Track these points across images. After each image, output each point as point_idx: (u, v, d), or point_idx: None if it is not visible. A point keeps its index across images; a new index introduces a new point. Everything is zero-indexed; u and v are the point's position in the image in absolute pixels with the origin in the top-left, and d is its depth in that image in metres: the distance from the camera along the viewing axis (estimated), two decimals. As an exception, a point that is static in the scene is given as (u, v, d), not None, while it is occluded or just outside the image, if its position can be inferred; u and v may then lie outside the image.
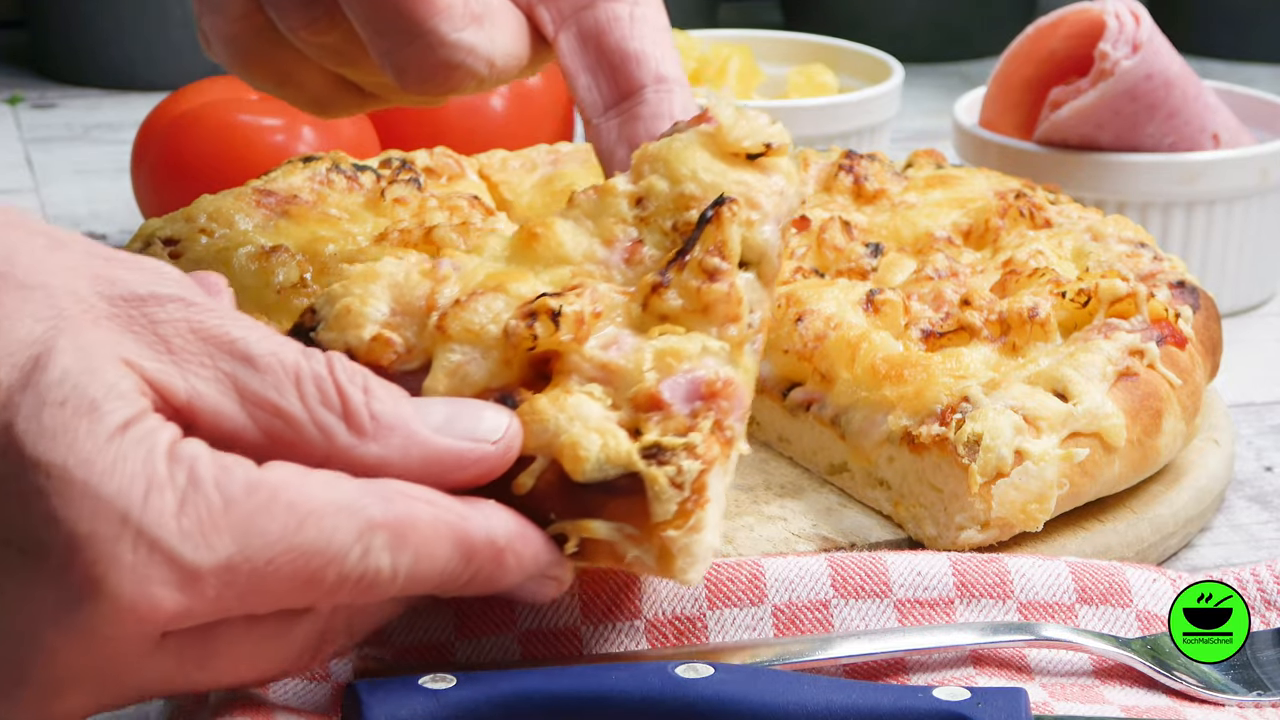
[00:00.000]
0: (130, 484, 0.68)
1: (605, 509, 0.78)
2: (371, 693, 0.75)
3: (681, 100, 0.92)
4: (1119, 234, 1.12)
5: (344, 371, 0.75)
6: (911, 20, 2.06)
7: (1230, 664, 0.86)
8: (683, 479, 0.78)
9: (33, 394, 0.68)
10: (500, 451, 0.78)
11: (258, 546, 0.70)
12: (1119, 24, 1.30)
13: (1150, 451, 0.99)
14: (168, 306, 0.73)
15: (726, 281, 0.82)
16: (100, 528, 0.67)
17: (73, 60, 1.94)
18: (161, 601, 0.68)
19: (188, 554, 0.68)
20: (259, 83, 0.98)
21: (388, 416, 0.75)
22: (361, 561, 0.72)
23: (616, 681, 0.76)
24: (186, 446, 0.70)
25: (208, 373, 0.73)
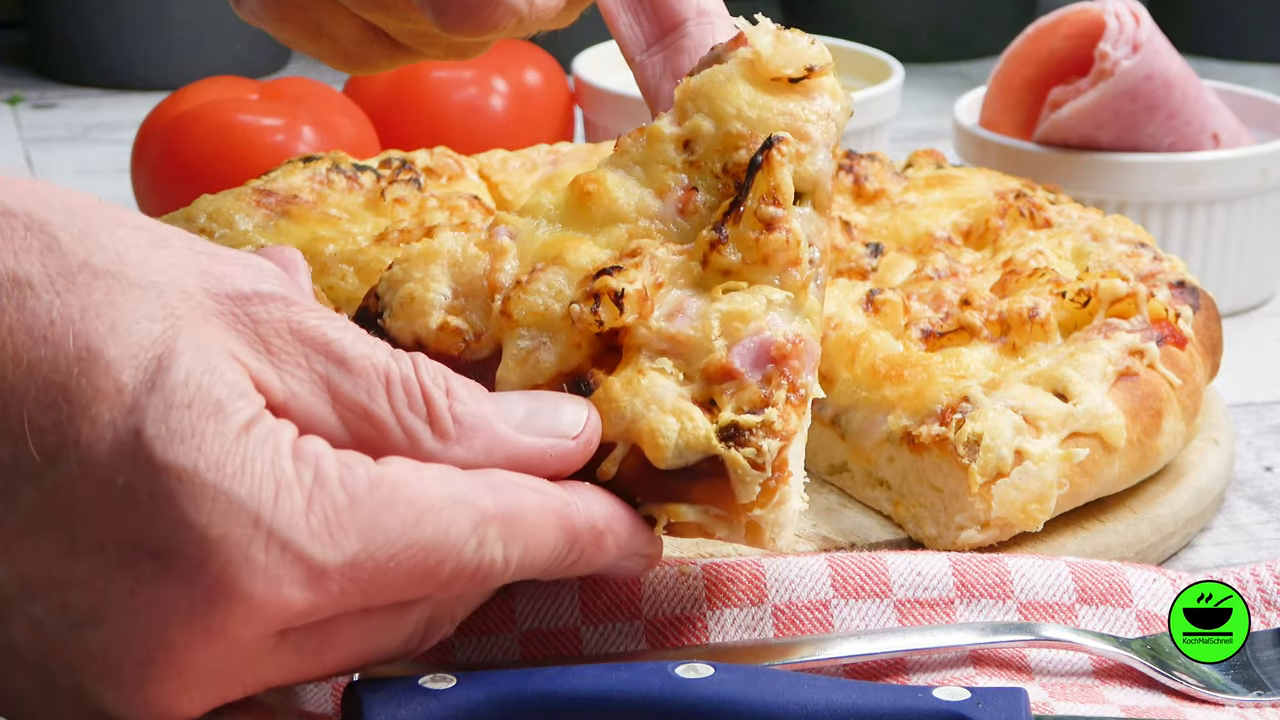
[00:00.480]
0: (260, 485, 0.68)
1: (690, 493, 0.79)
2: (372, 693, 0.75)
3: (725, 31, 0.91)
4: (1119, 234, 1.12)
5: (428, 374, 0.75)
6: (911, 20, 2.05)
7: (1230, 664, 0.86)
8: (763, 459, 0.78)
9: (159, 397, 0.68)
10: (581, 446, 0.79)
11: (381, 543, 0.70)
12: (1119, 24, 1.30)
13: (1150, 451, 0.99)
14: (269, 305, 0.73)
15: (784, 229, 0.82)
16: (234, 530, 0.68)
17: (73, 60, 1.94)
18: (291, 601, 0.69)
19: (317, 553, 0.69)
20: (290, 36, 0.97)
21: (470, 419, 0.76)
22: (477, 553, 0.73)
23: (616, 682, 0.76)
24: (309, 444, 0.71)
25: (303, 374, 0.73)
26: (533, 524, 0.75)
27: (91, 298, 0.70)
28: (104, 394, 0.68)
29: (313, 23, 0.97)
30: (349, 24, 0.97)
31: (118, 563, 0.68)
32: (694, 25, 0.91)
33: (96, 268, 0.70)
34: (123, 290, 0.70)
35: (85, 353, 0.68)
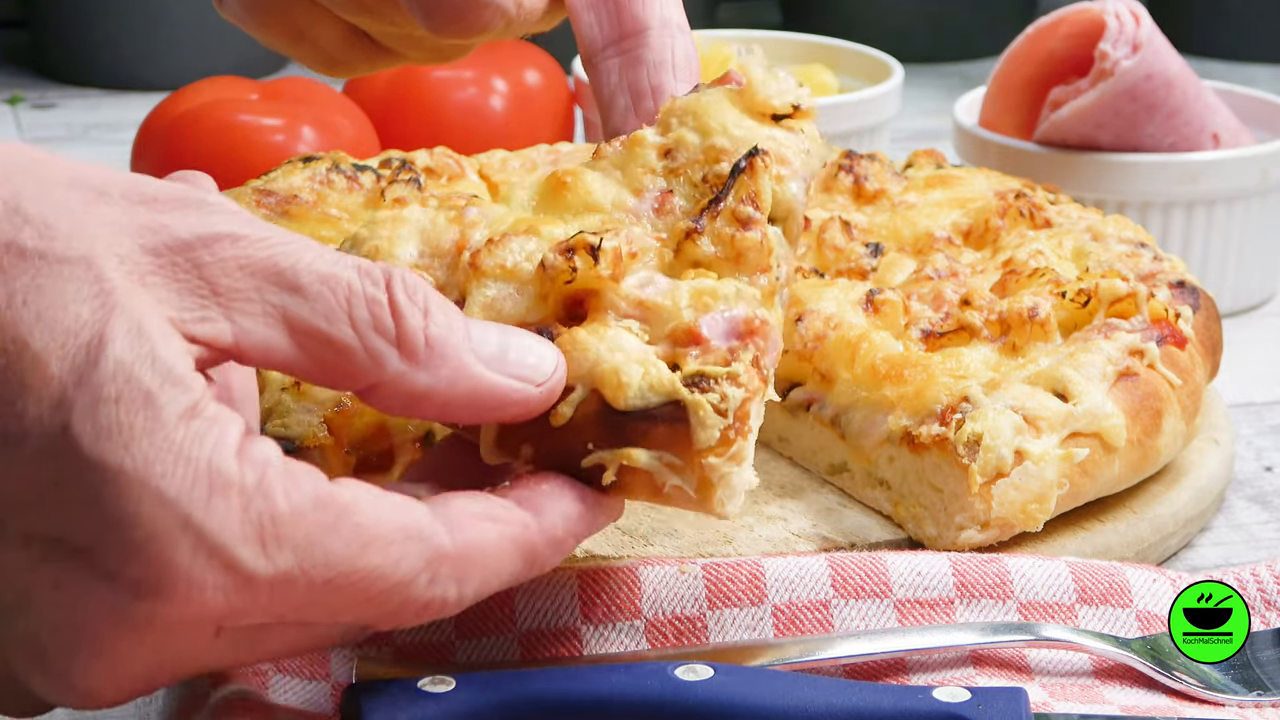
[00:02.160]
0: (193, 485, 0.67)
1: (646, 437, 0.78)
2: (370, 697, 0.75)
3: (684, 46, 0.91)
4: (1119, 234, 1.12)
5: (403, 290, 0.74)
6: (911, 20, 2.06)
7: (1230, 664, 0.86)
8: (726, 406, 0.78)
9: (87, 390, 0.67)
10: (543, 394, 0.78)
11: (319, 564, 0.69)
12: (1119, 24, 1.30)
13: (1150, 451, 0.99)
14: (214, 248, 0.71)
15: (759, 230, 0.83)
16: (159, 530, 0.67)
17: (73, 60, 1.94)
18: (215, 605, 0.68)
19: (247, 560, 0.68)
20: (272, 39, 0.97)
21: (441, 343, 0.74)
22: (428, 590, 0.72)
23: (616, 684, 0.76)
24: (258, 448, 0.69)
25: (255, 308, 0.71)
26: (491, 558, 0.74)
27: (18, 283, 0.68)
28: (31, 388, 0.67)
29: (294, 25, 0.96)
30: (331, 27, 0.96)
31: (42, 557, 0.67)
32: (655, 35, 0.91)
33: (23, 247, 0.69)
34: (50, 271, 0.68)
35: (11, 344, 0.67)
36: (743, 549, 0.95)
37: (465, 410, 0.76)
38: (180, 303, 0.70)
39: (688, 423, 0.78)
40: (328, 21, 0.96)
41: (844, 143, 1.46)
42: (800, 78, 1.56)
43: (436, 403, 0.75)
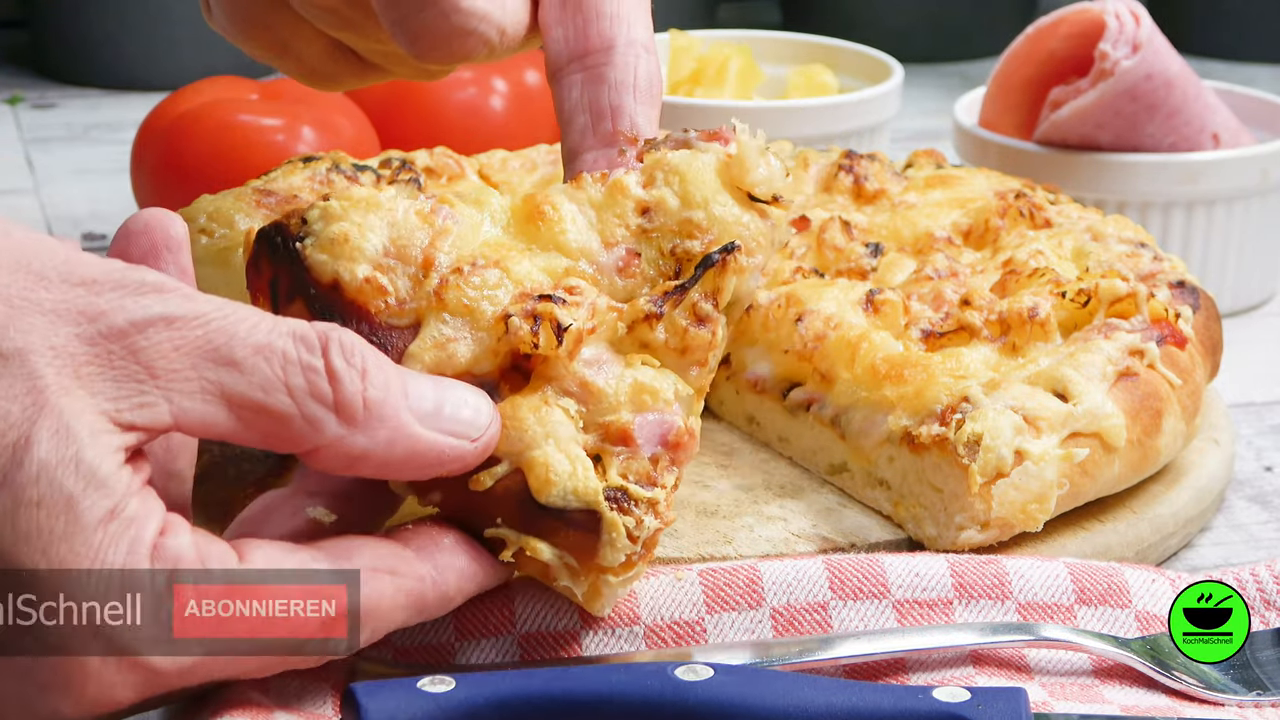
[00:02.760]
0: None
1: (555, 535, 0.81)
2: (370, 696, 0.75)
3: (647, 67, 0.91)
4: (1119, 234, 1.12)
5: (340, 354, 0.75)
6: (911, 20, 2.06)
7: (1230, 664, 0.86)
8: (640, 533, 0.80)
9: (8, 493, 0.69)
10: (478, 451, 0.80)
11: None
12: (1119, 24, 1.30)
13: (1150, 451, 0.99)
14: (148, 333, 0.73)
15: (710, 329, 0.84)
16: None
17: (73, 60, 1.94)
18: (123, 699, 0.71)
19: (156, 661, 0.71)
20: (257, 51, 0.97)
21: (379, 405, 0.76)
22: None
23: (616, 684, 0.76)
24: (172, 543, 0.72)
25: (192, 386, 0.73)
26: (385, 611, 0.77)
27: None
28: None
29: (279, 38, 0.96)
30: (316, 41, 0.97)
31: None
32: (620, 54, 0.92)
33: None
34: None
35: None
36: (743, 549, 0.95)
37: (403, 468, 0.78)
38: (116, 392, 0.72)
39: (598, 535, 0.80)
40: (312, 35, 0.96)
41: (844, 143, 1.46)
42: (800, 78, 1.56)
43: (374, 463, 0.77)
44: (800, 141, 1.34)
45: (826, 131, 1.45)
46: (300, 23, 0.94)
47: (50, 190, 1.64)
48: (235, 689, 0.78)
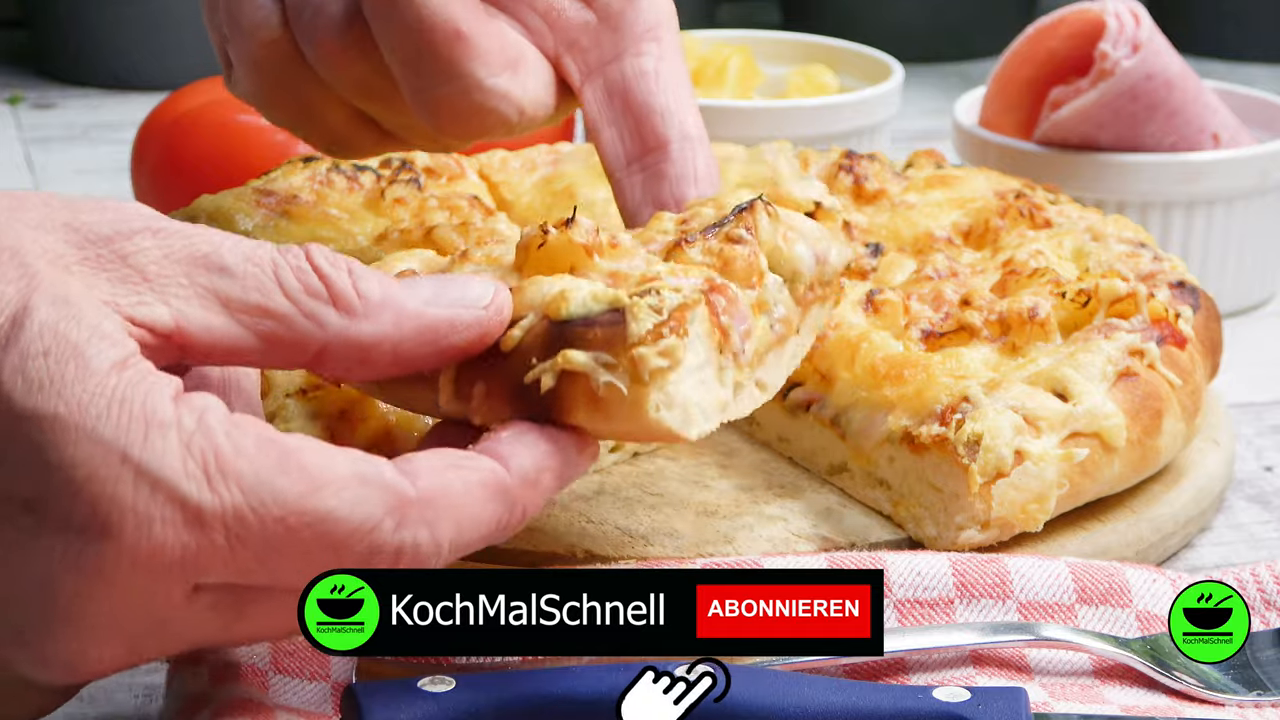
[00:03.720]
0: (129, 424, 0.68)
1: (584, 340, 0.78)
2: (370, 695, 0.75)
3: (705, 157, 0.94)
4: (1119, 234, 1.12)
5: (325, 259, 0.75)
6: (911, 20, 2.06)
7: (1230, 664, 0.86)
8: (661, 305, 0.79)
9: (15, 352, 0.68)
10: (493, 314, 0.78)
11: (269, 502, 0.69)
12: (1119, 24, 1.30)
13: (1150, 451, 0.99)
14: (135, 239, 0.73)
15: (749, 248, 0.83)
16: (99, 469, 0.67)
17: (73, 60, 1.94)
18: (167, 541, 0.68)
19: (192, 493, 0.68)
20: (278, 116, 0.98)
21: (375, 295, 0.75)
22: (397, 534, 0.72)
23: (617, 684, 0.76)
24: (198, 397, 0.70)
25: (188, 292, 0.72)
26: (460, 501, 0.73)
27: None
28: None
29: (303, 104, 0.96)
30: (340, 109, 0.97)
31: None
32: (676, 149, 0.93)
33: None
34: None
35: None
36: (743, 549, 0.95)
37: (419, 348, 0.76)
38: (113, 289, 0.71)
39: (624, 321, 0.78)
40: (336, 103, 0.96)
41: (844, 143, 1.46)
42: (800, 78, 1.56)
43: (388, 349, 0.76)
44: (800, 141, 1.34)
45: (826, 131, 1.45)
46: (324, 89, 0.95)
47: (50, 190, 1.64)
48: (236, 689, 0.78)
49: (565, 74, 0.95)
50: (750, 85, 1.58)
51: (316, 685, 0.81)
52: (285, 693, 0.80)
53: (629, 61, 0.94)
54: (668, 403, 0.79)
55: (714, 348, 0.81)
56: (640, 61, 0.94)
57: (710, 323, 0.81)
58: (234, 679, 0.79)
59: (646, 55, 0.95)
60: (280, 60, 0.93)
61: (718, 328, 0.81)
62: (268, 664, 0.81)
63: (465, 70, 0.89)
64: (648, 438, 0.81)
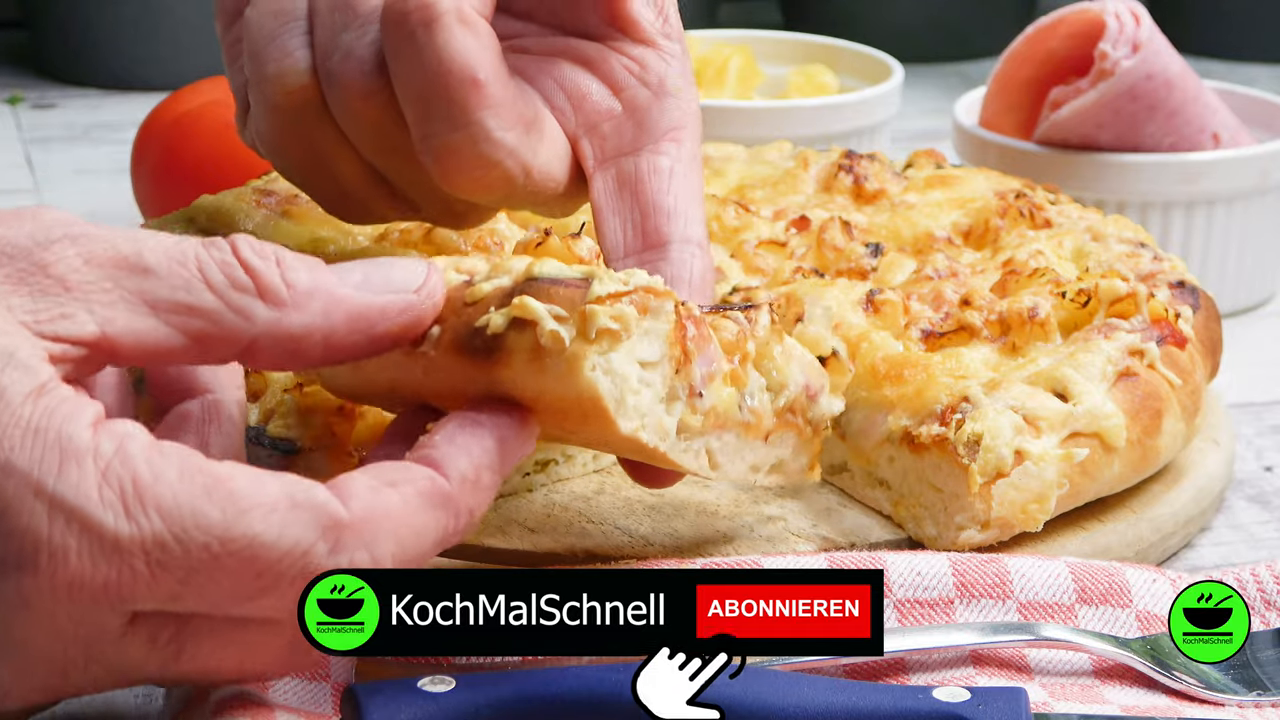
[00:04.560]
0: (44, 455, 0.67)
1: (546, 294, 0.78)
2: (370, 695, 0.75)
3: (703, 265, 0.93)
4: (1119, 234, 1.12)
5: (251, 250, 0.74)
6: (911, 20, 2.06)
7: (1230, 664, 0.86)
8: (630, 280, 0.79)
9: None
10: (424, 299, 0.78)
11: (191, 528, 0.68)
12: (1119, 24, 1.30)
13: (1150, 451, 0.99)
14: (54, 248, 0.72)
15: (740, 329, 0.85)
16: (13, 502, 0.67)
17: (73, 60, 1.94)
18: (84, 571, 0.67)
19: (108, 523, 0.67)
20: (289, 166, 0.95)
21: (304, 284, 0.75)
22: (332, 558, 0.71)
23: (617, 684, 0.76)
24: (118, 424, 0.69)
25: (112, 297, 0.72)
26: (399, 516, 0.73)
27: None
28: None
29: (318, 156, 0.94)
30: (353, 164, 0.95)
31: None
32: (676, 250, 0.92)
33: None
34: None
35: None
36: (743, 549, 0.95)
37: (350, 336, 0.76)
38: (33, 305, 0.71)
39: (588, 283, 0.78)
40: (349, 156, 0.94)
41: (844, 143, 1.46)
42: (801, 78, 1.56)
43: (319, 339, 0.75)
44: (800, 141, 1.34)
45: (826, 131, 1.45)
46: (341, 142, 0.93)
47: (50, 190, 1.64)
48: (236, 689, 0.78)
49: (580, 156, 0.94)
50: (750, 85, 1.58)
51: (316, 685, 0.81)
52: (285, 693, 0.80)
53: (645, 157, 0.94)
54: (606, 367, 0.78)
55: (671, 362, 0.81)
56: (657, 159, 0.94)
57: (674, 335, 0.81)
58: (234, 679, 0.79)
59: (664, 155, 0.94)
60: (301, 107, 0.92)
61: (680, 346, 0.81)
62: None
63: (476, 118, 0.87)
64: (576, 407, 0.79)
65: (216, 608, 0.70)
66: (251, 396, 0.95)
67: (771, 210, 1.18)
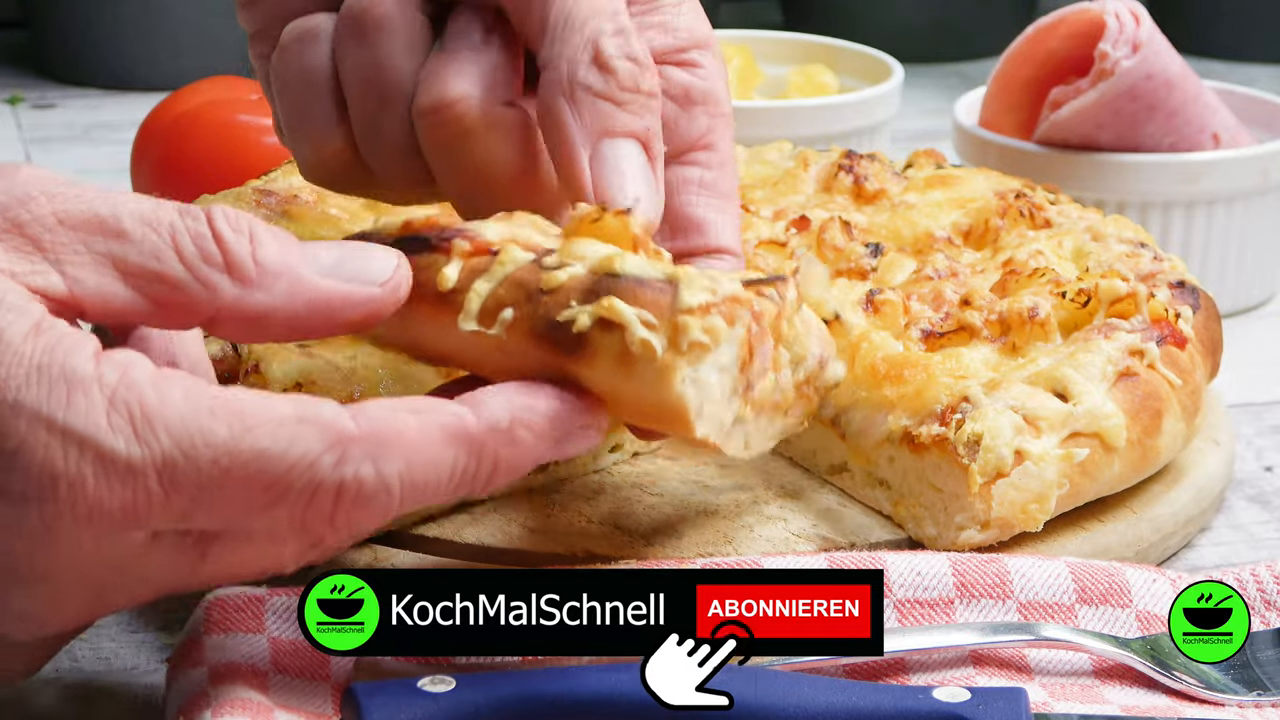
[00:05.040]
0: (50, 389, 0.69)
1: (631, 295, 0.78)
2: (370, 696, 0.75)
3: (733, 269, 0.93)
4: (1119, 234, 1.12)
5: (226, 222, 0.75)
6: (911, 20, 2.06)
7: (1230, 664, 0.86)
8: (716, 288, 0.79)
9: None
10: (387, 293, 0.78)
11: (200, 446, 0.70)
12: (1119, 24, 1.30)
13: (1150, 451, 0.99)
14: (30, 206, 0.73)
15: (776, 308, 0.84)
16: (27, 439, 0.68)
17: (73, 60, 1.94)
18: (104, 498, 0.69)
19: (120, 448, 0.69)
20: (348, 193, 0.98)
21: (273, 263, 0.76)
22: (336, 470, 0.71)
23: (617, 684, 0.76)
24: (120, 353, 0.71)
25: (83, 258, 0.73)
26: (413, 441, 0.73)
27: None
28: None
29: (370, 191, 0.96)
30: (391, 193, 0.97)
31: None
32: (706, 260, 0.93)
33: None
34: None
35: None
36: (743, 549, 0.95)
37: (311, 319, 0.77)
38: (9, 259, 0.72)
39: (675, 289, 0.78)
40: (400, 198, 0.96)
41: (844, 143, 1.46)
42: (801, 78, 1.56)
43: (280, 320, 0.76)
44: (800, 141, 1.34)
45: (826, 131, 1.45)
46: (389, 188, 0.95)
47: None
48: (236, 689, 0.78)
49: None
50: (750, 85, 1.58)
51: (316, 685, 0.81)
52: (285, 693, 0.80)
53: (674, 169, 0.94)
54: (695, 380, 0.78)
55: (739, 363, 0.81)
56: (684, 170, 0.94)
57: (746, 336, 0.81)
58: (234, 679, 0.79)
59: (692, 164, 0.95)
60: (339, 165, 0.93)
61: (749, 348, 0.82)
62: (268, 664, 0.81)
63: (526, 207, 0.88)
64: (656, 412, 0.79)
65: (229, 522, 0.72)
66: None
67: (771, 210, 1.18)
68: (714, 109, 0.95)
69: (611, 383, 0.78)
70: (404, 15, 0.90)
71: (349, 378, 0.96)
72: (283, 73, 0.93)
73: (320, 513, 0.72)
